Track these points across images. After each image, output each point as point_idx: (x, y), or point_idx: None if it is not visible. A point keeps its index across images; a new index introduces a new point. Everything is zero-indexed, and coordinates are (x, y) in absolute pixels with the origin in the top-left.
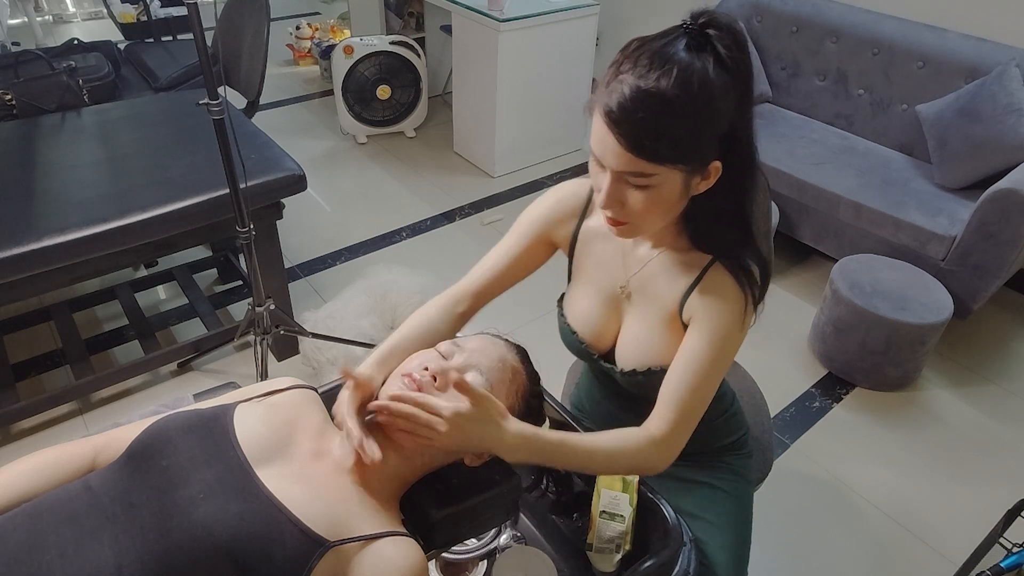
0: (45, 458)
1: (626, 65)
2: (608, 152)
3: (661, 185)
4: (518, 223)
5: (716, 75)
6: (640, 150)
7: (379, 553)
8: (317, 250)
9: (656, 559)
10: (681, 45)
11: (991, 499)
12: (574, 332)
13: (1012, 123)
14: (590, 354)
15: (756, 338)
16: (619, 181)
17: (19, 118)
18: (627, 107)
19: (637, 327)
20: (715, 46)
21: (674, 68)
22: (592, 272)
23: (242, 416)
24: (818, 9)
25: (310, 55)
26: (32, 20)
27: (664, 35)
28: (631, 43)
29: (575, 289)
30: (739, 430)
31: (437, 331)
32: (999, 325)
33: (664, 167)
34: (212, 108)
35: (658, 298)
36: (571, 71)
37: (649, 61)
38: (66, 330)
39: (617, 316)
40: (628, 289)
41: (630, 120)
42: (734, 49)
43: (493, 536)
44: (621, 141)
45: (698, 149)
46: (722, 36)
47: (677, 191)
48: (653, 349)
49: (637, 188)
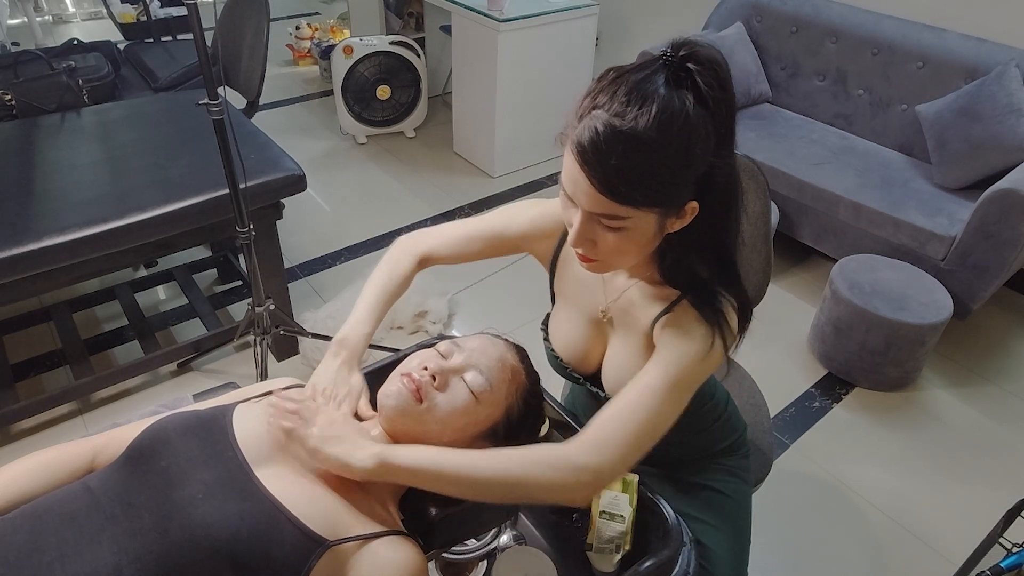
0: (44, 458)
1: (602, 98)
2: (580, 192)
3: (634, 227)
4: (495, 216)
5: (696, 115)
6: (613, 193)
7: (378, 553)
8: (317, 250)
9: (656, 559)
10: (660, 80)
11: (991, 499)
12: (558, 357)
13: (1012, 123)
14: (575, 377)
15: (756, 338)
16: (591, 221)
17: (19, 118)
18: (601, 148)
19: (621, 352)
20: (696, 82)
21: (653, 107)
22: (574, 295)
23: (241, 416)
24: (818, 9)
25: (310, 55)
26: (32, 20)
27: (643, 67)
28: (608, 73)
29: (558, 312)
30: (734, 433)
31: (407, 279)
32: (999, 325)
33: (638, 210)
34: (212, 108)
35: (636, 325)
36: (571, 71)
37: (627, 97)
38: (66, 330)
39: (601, 339)
40: (609, 314)
41: (603, 162)
42: (715, 87)
43: (493, 536)
44: (593, 182)
45: (674, 192)
46: (703, 72)
47: (651, 232)
48: (635, 374)
49: (610, 229)
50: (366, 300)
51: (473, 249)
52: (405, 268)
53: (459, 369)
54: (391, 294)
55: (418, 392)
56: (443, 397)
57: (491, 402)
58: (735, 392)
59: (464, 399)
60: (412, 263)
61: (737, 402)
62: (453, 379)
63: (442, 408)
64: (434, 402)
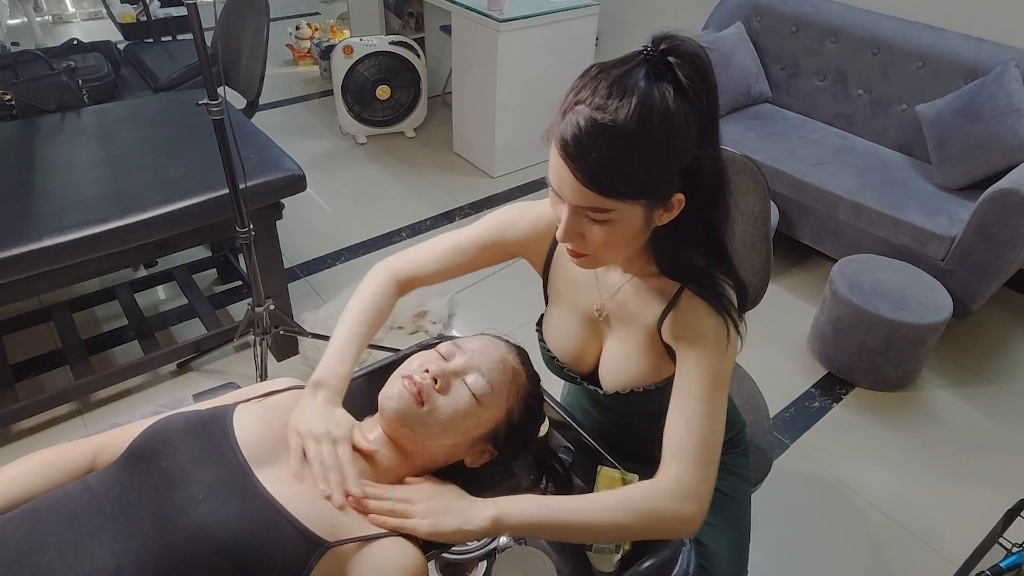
0: (44, 458)
1: (584, 93)
2: (565, 186)
3: (621, 220)
4: (486, 224)
5: (676, 107)
6: (597, 186)
7: (378, 553)
8: (317, 250)
9: (656, 559)
10: (641, 74)
11: (991, 499)
12: (554, 357)
13: (1012, 123)
14: (572, 376)
15: (756, 338)
16: (578, 215)
17: (19, 118)
18: (582, 141)
19: (618, 350)
20: (676, 74)
21: (633, 99)
22: (568, 295)
23: (241, 417)
24: (818, 9)
25: (310, 55)
26: (32, 20)
27: (624, 61)
28: (591, 68)
29: (553, 312)
30: (733, 428)
31: (386, 309)
32: (999, 325)
33: (623, 203)
34: (212, 108)
35: (635, 321)
36: (571, 71)
37: (608, 90)
38: (66, 330)
39: (597, 338)
40: (605, 312)
41: (585, 155)
42: (696, 79)
43: (493, 536)
44: (577, 176)
45: (658, 184)
46: (683, 64)
47: (638, 225)
48: (635, 371)
49: (596, 223)
50: (341, 335)
51: (463, 260)
52: (383, 296)
53: (461, 371)
54: (369, 325)
55: (420, 395)
56: (445, 400)
57: (492, 404)
58: (735, 392)
59: (466, 402)
60: (391, 289)
61: (737, 402)
62: (455, 381)
63: (444, 411)
64: (436, 405)
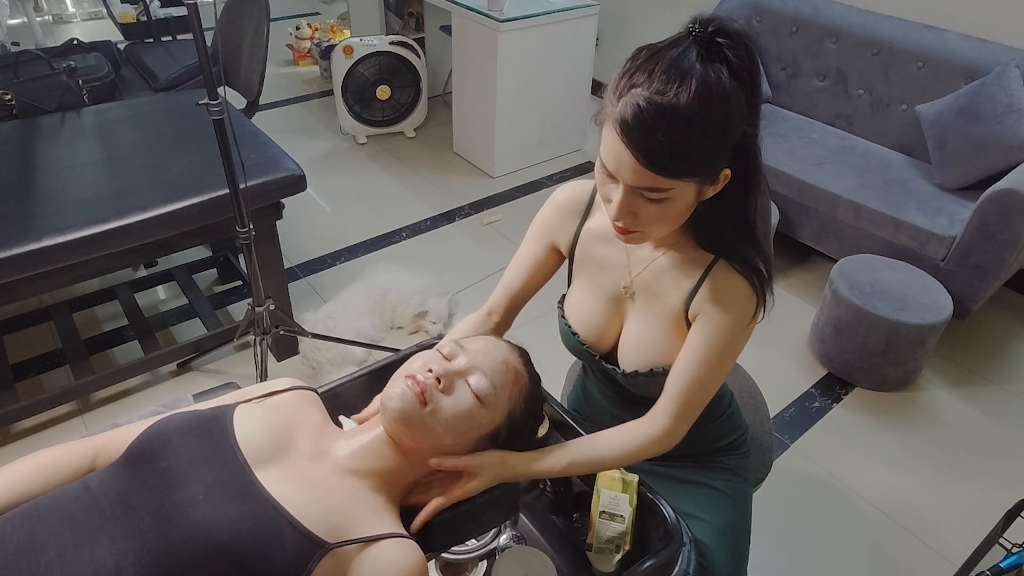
0: (44, 459)
1: (639, 76)
2: (623, 167)
3: (676, 197)
4: (528, 233)
5: (731, 87)
6: (659, 167)
7: (379, 555)
8: (317, 250)
9: (656, 559)
10: (694, 55)
11: (991, 499)
12: (575, 333)
13: (1012, 123)
14: (591, 355)
15: (756, 338)
16: (633, 195)
17: (19, 118)
18: (646, 123)
19: (640, 327)
20: (727, 55)
21: (692, 82)
22: (593, 273)
23: (242, 417)
24: (818, 9)
25: (310, 55)
26: (32, 20)
27: (674, 44)
28: (640, 52)
29: (576, 290)
30: (737, 430)
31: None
32: (999, 325)
33: (681, 181)
34: (212, 108)
35: (662, 298)
36: (571, 71)
37: (665, 74)
38: (66, 330)
39: (619, 316)
40: (632, 289)
41: (648, 137)
42: (745, 59)
43: (493, 536)
44: (639, 158)
45: (714, 162)
46: (733, 45)
47: (690, 201)
48: (656, 349)
49: (651, 202)
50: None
51: (545, 270)
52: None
53: (463, 372)
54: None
55: (423, 395)
56: (447, 400)
57: (495, 405)
58: (735, 392)
59: (468, 402)
60: (480, 320)
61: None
62: (457, 382)
63: (446, 411)
64: (438, 405)
